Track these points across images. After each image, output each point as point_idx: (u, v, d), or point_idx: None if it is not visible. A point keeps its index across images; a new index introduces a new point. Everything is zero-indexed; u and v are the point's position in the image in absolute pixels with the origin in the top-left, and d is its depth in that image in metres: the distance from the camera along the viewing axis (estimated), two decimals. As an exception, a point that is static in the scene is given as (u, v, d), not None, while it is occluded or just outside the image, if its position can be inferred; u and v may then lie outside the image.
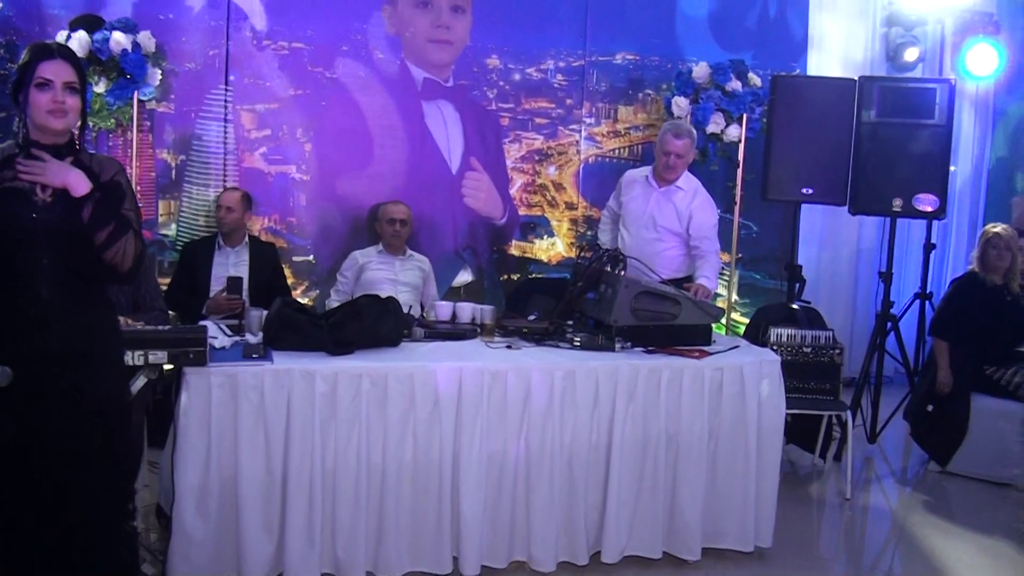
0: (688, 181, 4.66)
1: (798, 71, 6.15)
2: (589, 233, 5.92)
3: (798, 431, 4.87)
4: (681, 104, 5.52)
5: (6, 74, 4.61)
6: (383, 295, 3.85)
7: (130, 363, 2.92)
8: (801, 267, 5.67)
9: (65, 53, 2.52)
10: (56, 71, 2.45)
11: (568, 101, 5.90)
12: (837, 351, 4.60)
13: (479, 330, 3.94)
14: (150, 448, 3.64)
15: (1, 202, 2.43)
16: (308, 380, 3.19)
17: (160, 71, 5.00)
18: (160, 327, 3.23)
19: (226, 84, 5.30)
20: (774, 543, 3.73)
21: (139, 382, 3.11)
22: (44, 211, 2.45)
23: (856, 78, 5.56)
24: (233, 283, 4.44)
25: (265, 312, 3.57)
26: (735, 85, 5.54)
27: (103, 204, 2.47)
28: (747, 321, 5.85)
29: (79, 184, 2.43)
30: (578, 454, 3.49)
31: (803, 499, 4.56)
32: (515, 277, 5.92)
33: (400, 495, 3.31)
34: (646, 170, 4.77)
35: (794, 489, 4.57)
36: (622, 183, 4.84)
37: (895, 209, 5.30)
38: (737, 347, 3.93)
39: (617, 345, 3.70)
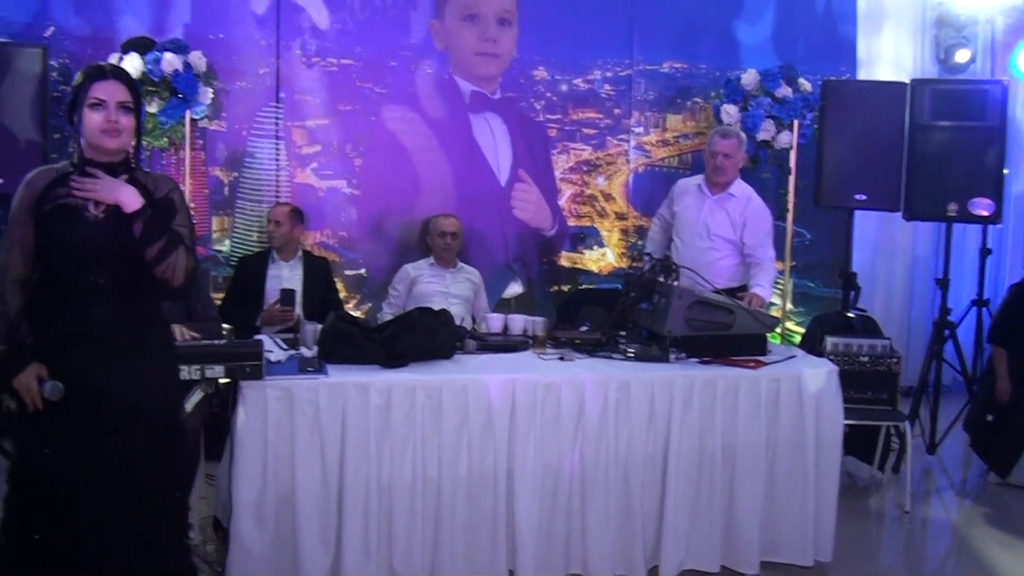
0: (741, 188, 4.63)
1: (847, 75, 6.07)
2: (639, 243, 5.88)
3: (856, 442, 4.77)
4: (731, 112, 5.47)
5: (60, 96, 4.72)
6: (435, 308, 3.86)
7: (186, 377, 2.96)
8: (856, 274, 5.57)
9: (118, 74, 2.56)
10: (109, 91, 2.49)
11: (616, 111, 5.88)
12: (894, 360, 4.51)
13: (531, 342, 3.93)
14: (207, 461, 3.69)
15: (54, 219, 2.48)
16: (363, 393, 3.20)
17: (211, 90, 5.08)
18: (216, 341, 3.27)
19: (277, 101, 5.38)
20: (833, 557, 3.65)
21: (196, 396, 3.15)
22: (96, 228, 2.49)
23: (907, 81, 5.47)
24: (286, 295, 4.50)
25: (319, 326, 3.60)
26: (785, 91, 5.48)
27: (154, 220, 2.51)
28: (802, 330, 5.80)
29: (131, 200, 2.47)
30: (634, 466, 3.46)
31: (862, 512, 4.47)
32: (565, 288, 5.91)
33: (455, 507, 3.30)
34: (698, 178, 4.73)
35: (853, 501, 4.48)
36: (674, 192, 4.81)
37: (950, 214, 5.20)
38: (793, 357, 3.87)
39: (671, 356, 3.66)
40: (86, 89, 2.49)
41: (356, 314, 5.38)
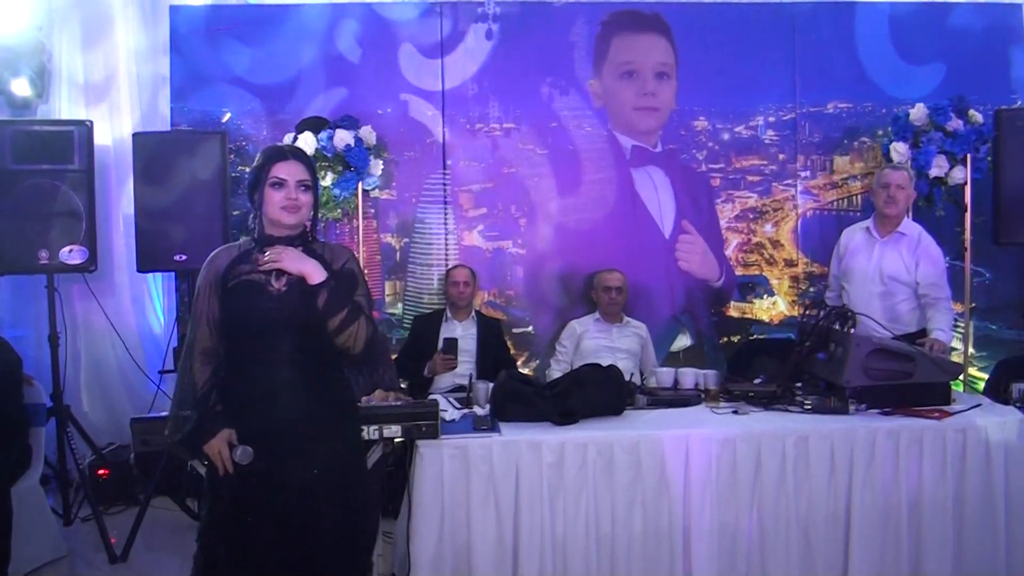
0: (910, 227, 4.46)
1: (1020, 103, 5.72)
2: (812, 290, 5.70)
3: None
4: (900, 149, 5.24)
5: (238, 176, 5.05)
6: (603, 363, 3.86)
7: (366, 437, 3.08)
8: (1041, 314, 5.22)
9: (297, 154, 2.71)
10: (289, 171, 2.64)
11: (781, 156, 5.75)
12: (1088, 405, 4.16)
13: (703, 396, 3.87)
14: (383, 518, 3.78)
15: (239, 294, 2.63)
16: (535, 451, 3.23)
17: (382, 162, 5.33)
18: (394, 403, 3.37)
19: (444, 169, 5.57)
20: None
21: (375, 455, 3.26)
22: (279, 301, 2.62)
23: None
24: (448, 344, 4.66)
25: (491, 384, 3.66)
26: (956, 124, 5.20)
27: (337, 291, 2.61)
28: (986, 376, 5.44)
29: (315, 272, 2.58)
30: (815, 524, 3.33)
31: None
32: (736, 339, 5.77)
33: (631, 566, 3.26)
34: (865, 223, 4.56)
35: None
36: (840, 242, 4.65)
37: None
38: (979, 405, 3.65)
39: (851, 407, 3.52)
40: (268, 169, 2.63)
41: (525, 371, 5.44)
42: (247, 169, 3.70)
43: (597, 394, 3.52)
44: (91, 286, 5.11)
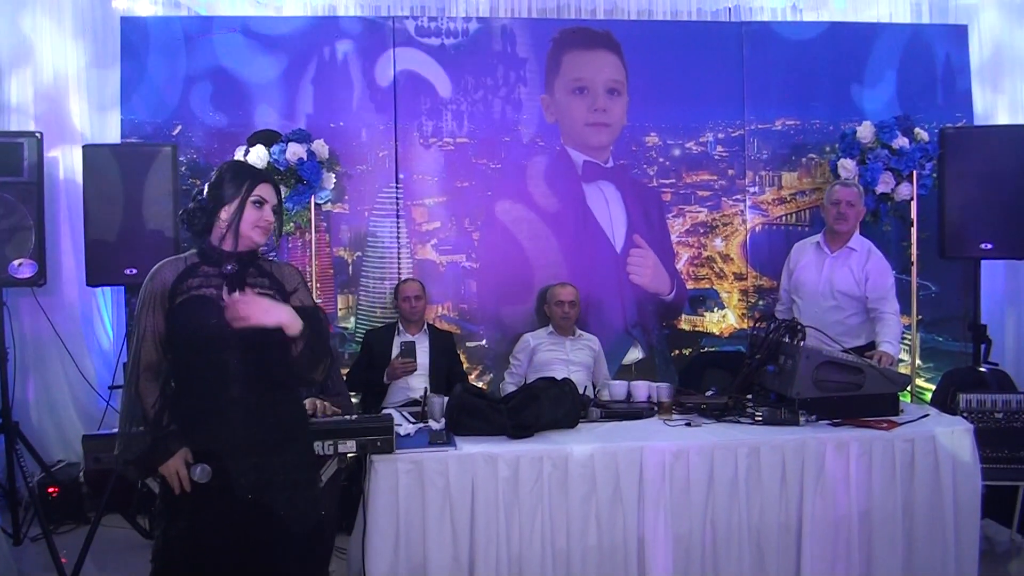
0: (860, 242, 4.56)
1: (964, 121, 5.89)
2: (761, 303, 5.80)
3: (993, 504, 4.51)
4: (848, 166, 5.36)
5: (188, 189, 4.98)
6: (556, 376, 3.89)
7: (320, 452, 3.06)
8: (986, 327, 5.35)
9: (274, 181, 2.74)
10: (270, 194, 2.67)
11: (730, 172, 5.85)
12: (1033, 416, 4.29)
13: (656, 408, 3.90)
14: (337, 534, 3.76)
15: (191, 309, 2.59)
16: (491, 464, 3.24)
17: (334, 175, 5.32)
18: (348, 417, 3.36)
19: (396, 182, 5.57)
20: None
21: (330, 470, 3.24)
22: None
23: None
24: (407, 348, 4.65)
25: (446, 398, 3.67)
26: (902, 142, 5.34)
27: (313, 341, 2.55)
28: (932, 387, 5.57)
29: (292, 323, 2.51)
30: (767, 534, 3.38)
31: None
32: (687, 352, 5.84)
33: (586, 579, 3.27)
34: (815, 238, 4.67)
35: (992, 568, 4.19)
36: (791, 256, 4.75)
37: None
38: (927, 416, 3.74)
39: (801, 419, 3.58)
40: (251, 188, 2.64)
41: (479, 385, 5.45)
42: (198, 182, 3.64)
43: (552, 407, 3.54)
44: (40, 301, 5.02)
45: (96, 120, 5.45)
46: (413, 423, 3.68)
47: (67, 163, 5.37)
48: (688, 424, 3.63)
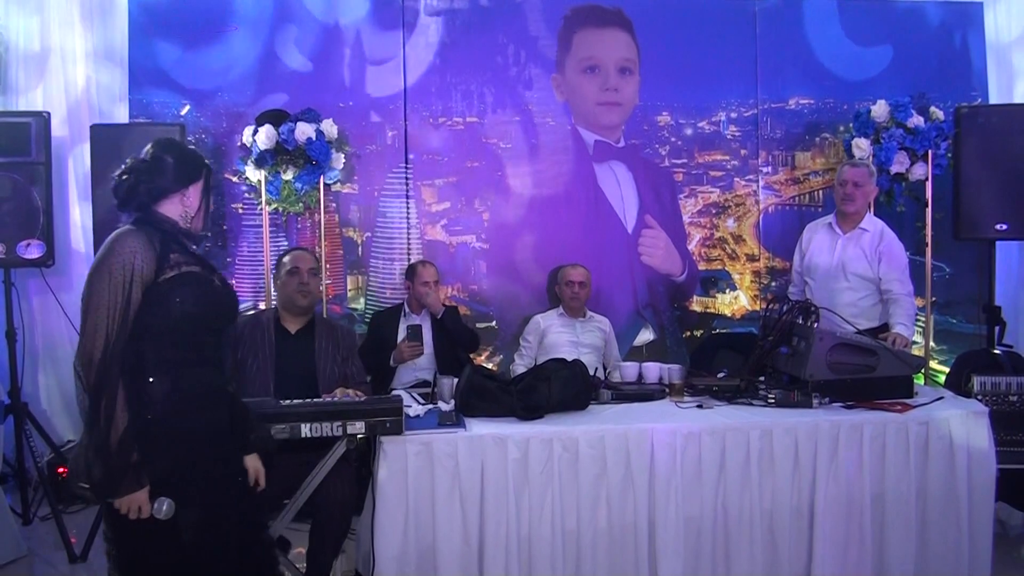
0: (872, 223, 4.50)
1: (980, 100, 5.82)
2: (773, 284, 5.75)
3: (1007, 487, 4.46)
4: (862, 145, 5.30)
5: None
6: (567, 357, 3.86)
7: (328, 433, 3.06)
8: (1000, 308, 5.29)
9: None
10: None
11: (743, 151, 5.80)
12: (1048, 399, 4.25)
13: (667, 390, 3.87)
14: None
15: (187, 286, 2.50)
16: (501, 446, 3.22)
17: (343, 155, 5.28)
18: (357, 398, 3.35)
19: (406, 162, 5.53)
20: (989, 610, 3.43)
21: (338, 451, 3.23)
22: (227, 293, 2.63)
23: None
24: (413, 331, 4.60)
25: (455, 380, 3.64)
26: (917, 121, 5.28)
27: None
28: (946, 369, 5.52)
29: None
30: (779, 517, 3.36)
31: (1016, 563, 4.17)
32: (698, 333, 5.81)
33: (596, 561, 3.26)
34: (828, 218, 4.61)
35: (1006, 551, 4.17)
36: (803, 237, 4.70)
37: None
38: (941, 398, 3.70)
39: (814, 401, 3.55)
40: (208, 173, 2.69)
41: (489, 366, 5.42)
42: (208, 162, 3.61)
43: (562, 389, 3.52)
44: (48, 281, 5.00)
45: (105, 99, 5.42)
46: (422, 404, 3.66)
47: (75, 143, 5.34)
48: (699, 406, 3.60)
